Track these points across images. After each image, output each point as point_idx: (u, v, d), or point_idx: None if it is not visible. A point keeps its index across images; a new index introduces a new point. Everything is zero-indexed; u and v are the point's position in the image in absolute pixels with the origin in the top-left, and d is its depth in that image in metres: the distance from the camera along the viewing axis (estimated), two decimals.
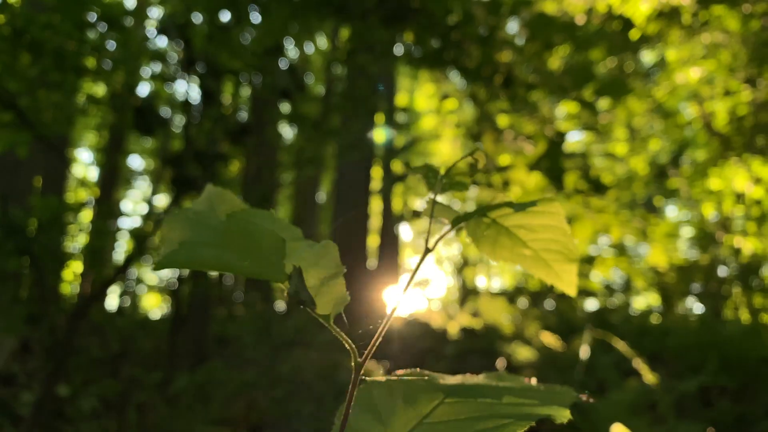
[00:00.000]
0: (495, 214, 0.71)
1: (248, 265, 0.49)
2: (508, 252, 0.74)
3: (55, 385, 3.31)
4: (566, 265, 0.73)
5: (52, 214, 3.56)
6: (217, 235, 0.50)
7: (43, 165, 7.15)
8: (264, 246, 0.51)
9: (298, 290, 0.53)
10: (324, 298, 0.58)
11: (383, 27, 3.28)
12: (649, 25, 6.36)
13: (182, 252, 0.47)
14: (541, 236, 0.72)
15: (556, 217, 0.70)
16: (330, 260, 0.60)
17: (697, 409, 3.73)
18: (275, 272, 0.51)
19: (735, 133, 8.11)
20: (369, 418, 0.60)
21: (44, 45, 2.94)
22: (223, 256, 0.49)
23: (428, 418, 0.59)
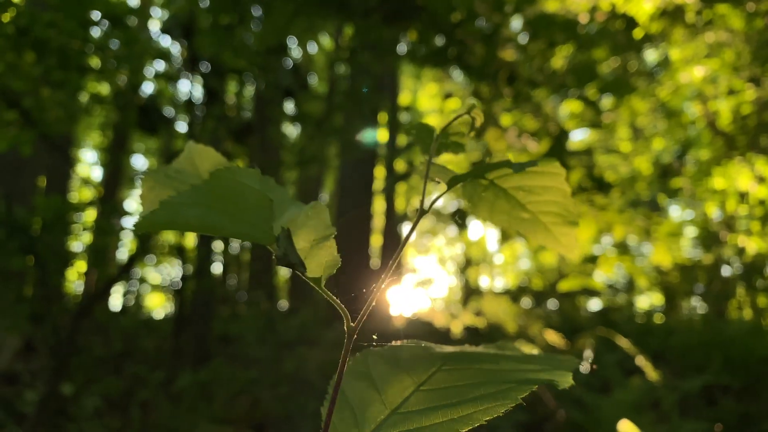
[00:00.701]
0: (493, 175, 0.68)
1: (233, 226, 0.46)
2: (505, 216, 0.71)
3: (59, 383, 3.32)
4: (566, 228, 0.70)
5: (55, 214, 3.56)
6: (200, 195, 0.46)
7: (46, 164, 7.17)
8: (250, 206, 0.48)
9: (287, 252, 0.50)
10: (314, 260, 0.55)
11: (386, 25, 3.27)
12: (652, 23, 6.35)
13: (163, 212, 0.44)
14: (540, 198, 0.69)
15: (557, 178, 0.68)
16: (320, 222, 0.57)
17: (700, 408, 3.73)
18: (262, 234, 0.48)
19: (739, 132, 8.09)
20: (363, 385, 0.59)
21: (48, 44, 2.95)
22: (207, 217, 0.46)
23: (425, 385, 0.57)
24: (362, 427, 0.55)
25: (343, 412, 0.57)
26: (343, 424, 0.56)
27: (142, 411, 3.92)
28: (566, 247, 0.72)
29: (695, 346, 4.74)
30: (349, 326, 0.56)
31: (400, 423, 0.54)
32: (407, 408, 0.55)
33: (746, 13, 6.72)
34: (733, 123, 8.19)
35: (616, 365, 3.95)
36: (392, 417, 0.55)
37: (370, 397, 0.57)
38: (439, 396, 0.55)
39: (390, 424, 0.54)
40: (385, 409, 0.56)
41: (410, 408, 0.55)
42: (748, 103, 7.72)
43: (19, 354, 4.82)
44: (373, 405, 0.57)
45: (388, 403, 0.56)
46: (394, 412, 0.55)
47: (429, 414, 0.53)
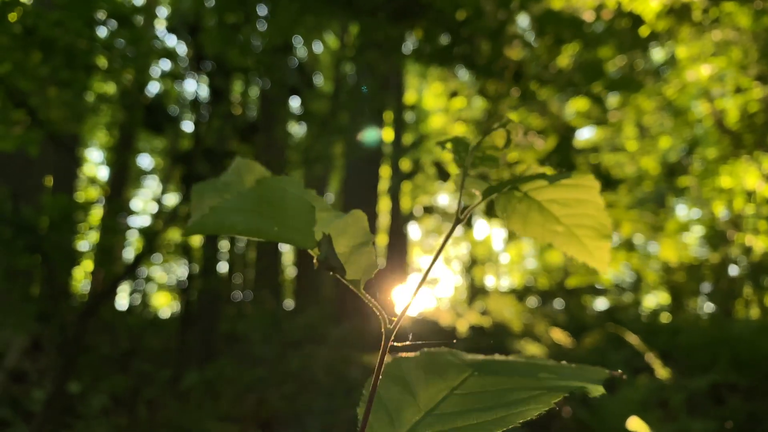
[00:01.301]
0: (527, 187, 0.68)
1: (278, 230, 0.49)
2: (539, 228, 0.71)
3: (66, 382, 3.33)
4: (599, 241, 0.71)
5: (62, 213, 3.57)
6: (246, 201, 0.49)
7: (53, 164, 7.19)
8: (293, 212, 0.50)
9: (328, 256, 0.53)
10: (354, 265, 0.58)
11: (392, 23, 3.27)
12: (659, 21, 6.32)
13: (212, 217, 0.46)
14: (574, 211, 0.69)
15: (591, 191, 0.68)
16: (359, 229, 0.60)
17: (708, 407, 3.71)
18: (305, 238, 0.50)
19: (746, 131, 8.05)
20: (398, 389, 0.61)
21: (55, 43, 2.96)
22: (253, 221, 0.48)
23: (458, 390, 0.59)
24: (397, 427, 0.57)
25: (378, 413, 0.59)
26: (379, 424, 0.58)
27: (148, 409, 3.93)
28: (599, 260, 0.72)
29: (702, 345, 4.72)
30: (387, 328, 0.57)
31: (435, 424, 0.56)
32: (441, 410, 0.57)
33: (753, 10, 6.69)
34: (740, 121, 8.16)
35: (623, 364, 3.93)
36: (427, 418, 0.57)
37: (405, 400, 0.59)
38: (473, 400, 0.57)
39: (425, 425, 0.56)
40: (420, 411, 0.58)
41: (444, 410, 0.57)
42: (755, 101, 7.68)
43: (26, 353, 4.84)
44: (408, 407, 0.59)
45: (423, 405, 0.58)
46: (429, 413, 0.57)
47: (463, 416, 0.55)
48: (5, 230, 3.16)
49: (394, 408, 0.59)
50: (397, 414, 0.58)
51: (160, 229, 4.07)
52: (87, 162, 15.30)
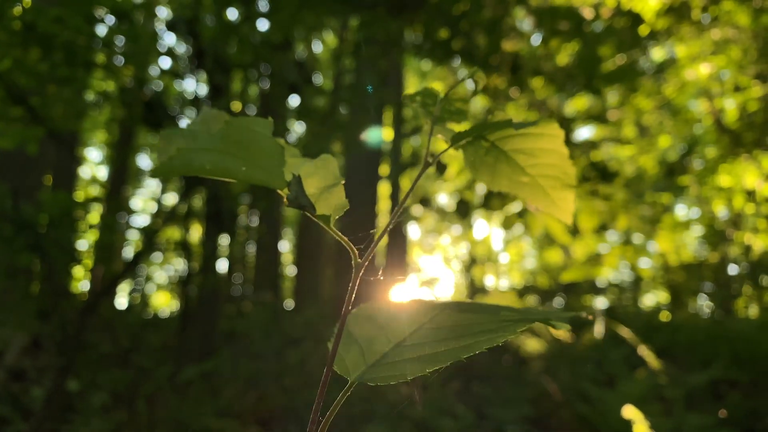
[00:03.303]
0: (494, 136, 0.69)
1: (247, 170, 0.49)
2: (506, 180, 0.73)
3: (65, 380, 3.33)
4: (563, 192, 0.72)
5: (62, 210, 3.57)
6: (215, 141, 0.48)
7: (53, 162, 7.19)
8: (263, 152, 0.50)
9: (298, 195, 0.53)
10: (324, 203, 0.59)
11: (391, 17, 3.27)
12: (658, 20, 6.33)
13: (180, 157, 0.46)
14: (539, 161, 0.70)
15: (555, 140, 0.69)
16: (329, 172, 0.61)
17: (707, 402, 3.71)
18: (275, 178, 0.50)
19: (745, 130, 8.05)
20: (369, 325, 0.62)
21: (54, 39, 2.96)
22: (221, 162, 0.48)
23: (428, 324, 0.60)
24: (368, 357, 0.59)
25: (349, 346, 0.60)
26: (349, 356, 0.59)
27: (148, 405, 3.93)
28: (563, 211, 0.73)
29: (702, 342, 4.73)
30: (357, 261, 0.59)
31: (404, 353, 0.57)
32: (411, 341, 0.58)
33: (752, 9, 6.70)
34: (739, 120, 8.16)
35: (622, 361, 3.94)
36: (397, 349, 0.59)
37: (375, 334, 0.60)
38: (443, 332, 0.58)
39: (395, 354, 0.58)
40: (390, 343, 0.59)
41: (414, 341, 0.58)
42: (754, 99, 7.69)
43: (26, 350, 4.84)
44: (379, 340, 0.60)
45: (393, 338, 0.60)
46: (399, 345, 0.59)
47: (433, 345, 0.57)
48: (5, 228, 3.16)
49: (365, 341, 0.60)
50: (368, 346, 0.60)
51: (159, 227, 4.08)
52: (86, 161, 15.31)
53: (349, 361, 0.59)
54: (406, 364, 0.56)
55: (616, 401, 2.94)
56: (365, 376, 0.58)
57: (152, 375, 4.39)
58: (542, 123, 0.68)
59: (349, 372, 0.58)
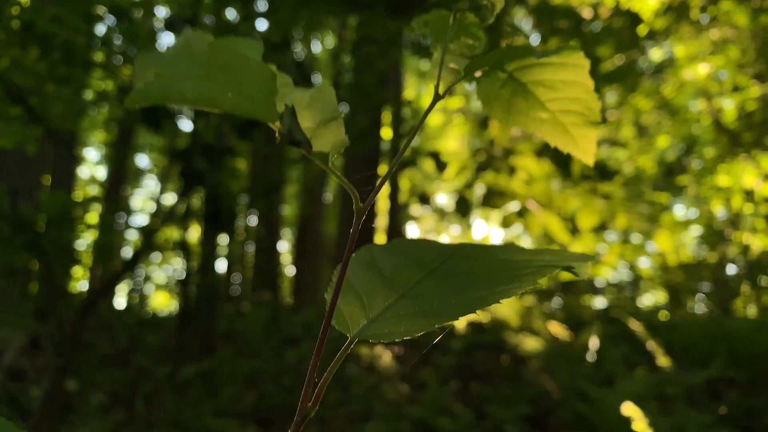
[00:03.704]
0: (513, 66, 0.62)
1: (233, 99, 0.43)
2: (523, 117, 0.66)
3: (64, 380, 3.32)
4: (585, 129, 0.65)
5: (60, 210, 3.57)
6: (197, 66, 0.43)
7: (52, 162, 7.19)
8: (252, 79, 0.44)
9: (291, 129, 0.47)
10: (321, 139, 0.52)
11: (390, 16, 3.27)
12: (657, 20, 6.34)
13: (158, 84, 0.41)
14: (561, 95, 0.63)
15: (580, 72, 0.62)
16: (326, 103, 0.54)
17: (706, 401, 3.72)
18: (264, 110, 0.44)
19: (744, 129, 8.06)
20: (369, 274, 0.56)
21: (52, 39, 2.95)
22: (205, 90, 0.42)
23: (435, 273, 0.54)
24: (369, 311, 0.53)
25: (348, 297, 0.54)
26: (349, 308, 0.53)
27: (146, 405, 3.93)
28: (584, 150, 0.67)
29: (700, 341, 4.73)
30: (358, 206, 0.53)
31: (409, 306, 0.51)
32: (417, 292, 0.53)
33: (751, 9, 6.71)
34: (738, 120, 8.17)
35: (621, 360, 3.94)
36: (401, 301, 0.53)
37: (377, 284, 0.55)
38: (451, 282, 0.52)
39: (399, 307, 0.52)
40: (394, 294, 0.53)
41: (420, 292, 0.52)
42: (753, 99, 7.70)
43: (24, 350, 4.84)
44: (381, 291, 0.54)
45: (396, 288, 0.54)
46: (403, 296, 0.53)
47: (440, 297, 0.51)
48: (4, 227, 3.15)
49: (366, 292, 0.54)
50: (369, 298, 0.54)
51: (158, 227, 4.07)
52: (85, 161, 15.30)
53: (349, 315, 0.53)
54: (413, 318, 0.50)
55: (615, 400, 2.95)
56: (366, 332, 0.51)
57: (151, 375, 4.38)
58: (566, 51, 0.61)
59: (348, 327, 0.52)
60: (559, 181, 4.16)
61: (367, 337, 0.51)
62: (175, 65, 0.44)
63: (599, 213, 4.03)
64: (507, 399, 3.83)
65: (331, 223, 14.17)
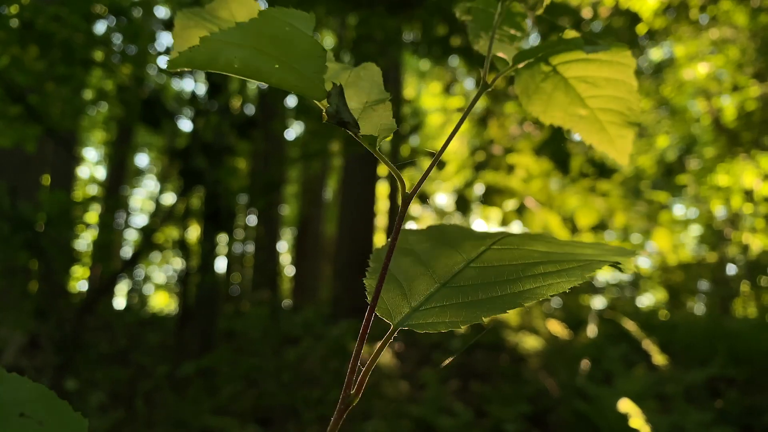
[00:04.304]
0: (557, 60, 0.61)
1: (281, 73, 0.41)
2: (561, 112, 0.65)
3: (63, 379, 3.32)
4: (623, 129, 0.65)
5: (60, 209, 3.57)
6: (246, 34, 0.41)
7: (51, 161, 7.19)
8: (302, 54, 0.42)
9: (339, 109, 0.45)
10: (368, 121, 0.50)
11: (390, 15, 3.27)
12: (656, 20, 6.34)
13: (204, 49, 0.39)
14: (602, 92, 0.63)
15: (625, 70, 0.61)
16: (374, 84, 0.53)
17: (705, 399, 3.72)
18: (312, 86, 0.42)
19: (743, 129, 8.06)
20: (408, 261, 0.54)
21: (52, 37, 2.95)
22: (252, 60, 0.40)
23: (476, 263, 0.52)
24: (411, 300, 0.51)
25: (389, 284, 0.52)
26: (390, 296, 0.51)
27: (146, 403, 3.93)
28: (620, 151, 0.66)
29: (700, 340, 4.74)
30: (405, 193, 0.51)
31: (452, 296, 0.50)
32: (458, 282, 0.51)
33: (751, 9, 6.71)
34: (737, 119, 8.17)
35: (620, 359, 3.94)
36: (443, 290, 0.51)
37: (417, 272, 0.53)
38: (494, 273, 0.51)
39: (441, 296, 0.50)
40: (435, 283, 0.52)
41: (462, 283, 0.51)
42: (752, 99, 7.70)
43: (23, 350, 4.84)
44: (421, 279, 0.52)
45: (438, 277, 0.52)
46: (445, 285, 0.51)
47: (484, 288, 0.49)
48: (3, 226, 3.15)
49: (406, 280, 0.53)
50: (410, 286, 0.52)
51: (157, 227, 4.07)
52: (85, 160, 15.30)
53: (390, 303, 0.51)
54: (458, 309, 0.48)
55: (613, 398, 2.95)
56: (410, 321, 0.49)
57: (151, 373, 4.39)
58: (615, 48, 0.60)
59: (391, 315, 0.50)
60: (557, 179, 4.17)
61: (411, 327, 0.50)
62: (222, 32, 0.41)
63: (598, 211, 4.03)
64: (506, 397, 3.83)
65: (331, 223, 14.18)
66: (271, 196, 5.46)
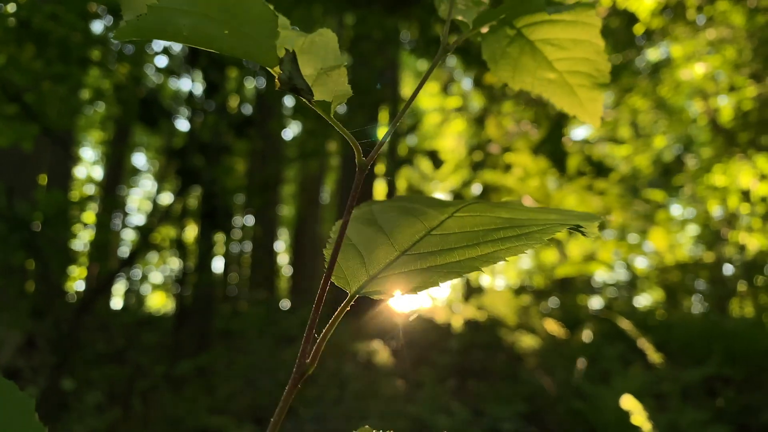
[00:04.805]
0: (522, 23, 0.60)
1: (231, 39, 0.41)
2: (529, 76, 0.64)
3: (60, 379, 3.32)
4: (593, 91, 0.64)
5: (57, 209, 3.56)
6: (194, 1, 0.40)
7: (48, 161, 7.18)
8: (252, 19, 0.42)
9: (292, 76, 0.44)
10: (322, 87, 0.50)
11: (388, 14, 3.27)
12: (653, 20, 6.35)
13: (151, 17, 0.39)
14: (569, 54, 0.62)
15: (591, 31, 0.60)
16: (329, 50, 0.52)
17: (702, 398, 3.73)
18: (264, 52, 0.42)
19: (740, 129, 8.08)
20: (370, 230, 0.54)
21: (49, 36, 2.95)
22: (202, 26, 0.40)
23: (437, 230, 0.52)
24: (370, 267, 0.51)
25: (348, 253, 0.52)
26: (348, 264, 0.52)
27: (143, 403, 3.92)
28: (591, 114, 0.65)
29: (696, 339, 4.74)
30: (361, 160, 0.51)
31: (411, 263, 0.50)
32: (419, 250, 0.51)
33: (747, 9, 6.72)
34: (734, 120, 8.18)
35: (617, 358, 3.95)
36: (402, 257, 0.51)
37: (377, 240, 0.53)
38: (455, 239, 0.50)
39: (400, 263, 0.50)
40: (395, 251, 0.51)
41: (422, 250, 0.51)
42: (749, 99, 7.71)
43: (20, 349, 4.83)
44: (381, 247, 0.52)
45: (398, 245, 0.52)
46: (404, 253, 0.51)
47: (444, 254, 0.49)
48: (0, 226, 3.15)
49: (366, 249, 0.52)
50: (369, 255, 0.52)
51: (154, 226, 4.07)
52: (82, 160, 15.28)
53: (349, 272, 0.51)
54: (415, 275, 0.48)
55: (610, 397, 2.95)
56: (367, 288, 0.50)
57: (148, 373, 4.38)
58: (579, 9, 0.59)
59: (348, 284, 0.50)
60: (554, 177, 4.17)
61: (367, 294, 0.50)
62: None
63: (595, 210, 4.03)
64: (503, 396, 3.84)
65: (328, 224, 14.17)
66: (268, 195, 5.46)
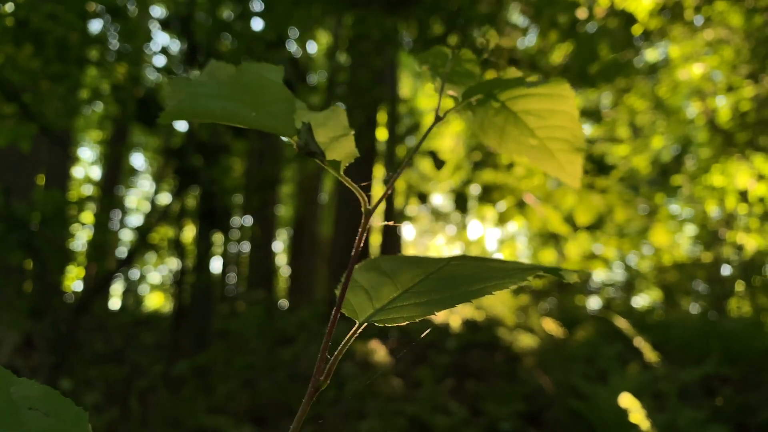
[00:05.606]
0: (505, 96, 0.68)
1: (256, 116, 0.49)
2: (514, 143, 0.72)
3: (58, 379, 3.31)
4: (571, 155, 0.71)
5: (55, 209, 3.56)
6: (224, 87, 0.50)
7: (46, 161, 7.17)
8: (272, 99, 0.51)
9: (308, 142, 0.53)
10: (334, 152, 0.59)
11: (386, 14, 3.27)
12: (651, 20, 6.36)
13: (189, 102, 0.47)
14: (548, 123, 0.69)
15: (566, 101, 0.68)
16: (338, 123, 0.61)
17: (700, 397, 3.73)
18: (284, 125, 0.50)
19: (738, 129, 8.09)
20: (375, 274, 0.61)
21: (47, 36, 2.94)
22: (231, 107, 0.49)
23: (435, 274, 0.60)
24: (375, 302, 0.59)
25: (355, 291, 0.60)
26: (357, 300, 0.59)
27: (141, 403, 3.92)
28: (570, 175, 0.72)
29: (694, 339, 4.75)
30: (366, 208, 0.59)
31: (412, 298, 0.58)
32: (419, 288, 0.59)
33: (745, 9, 6.74)
34: (732, 120, 8.20)
35: (615, 357, 3.95)
36: (404, 294, 0.59)
37: (382, 282, 0.61)
38: (451, 281, 0.58)
39: (402, 299, 0.58)
40: (397, 290, 0.59)
41: (421, 289, 0.58)
42: (747, 99, 7.73)
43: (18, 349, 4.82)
44: (386, 287, 0.60)
45: (400, 285, 0.60)
46: (406, 291, 0.59)
47: (440, 290, 0.57)
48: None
49: (372, 288, 0.60)
50: (375, 293, 0.60)
51: (152, 226, 4.06)
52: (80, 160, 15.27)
53: (357, 305, 0.59)
54: (414, 307, 0.56)
55: (608, 396, 2.96)
56: (373, 317, 0.57)
57: (146, 373, 4.38)
58: (554, 82, 0.67)
59: (356, 314, 0.58)
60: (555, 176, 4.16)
61: (373, 322, 0.57)
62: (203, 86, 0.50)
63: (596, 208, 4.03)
64: (502, 396, 3.84)
65: (327, 224, 14.18)
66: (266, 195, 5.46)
